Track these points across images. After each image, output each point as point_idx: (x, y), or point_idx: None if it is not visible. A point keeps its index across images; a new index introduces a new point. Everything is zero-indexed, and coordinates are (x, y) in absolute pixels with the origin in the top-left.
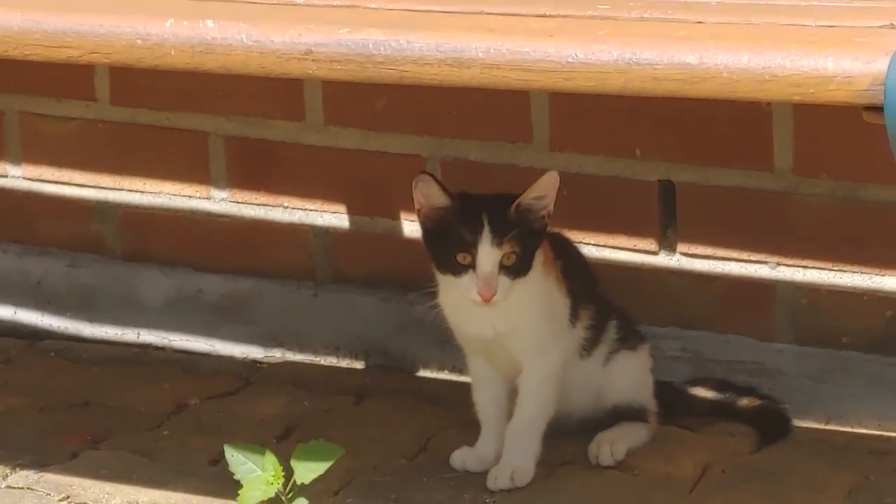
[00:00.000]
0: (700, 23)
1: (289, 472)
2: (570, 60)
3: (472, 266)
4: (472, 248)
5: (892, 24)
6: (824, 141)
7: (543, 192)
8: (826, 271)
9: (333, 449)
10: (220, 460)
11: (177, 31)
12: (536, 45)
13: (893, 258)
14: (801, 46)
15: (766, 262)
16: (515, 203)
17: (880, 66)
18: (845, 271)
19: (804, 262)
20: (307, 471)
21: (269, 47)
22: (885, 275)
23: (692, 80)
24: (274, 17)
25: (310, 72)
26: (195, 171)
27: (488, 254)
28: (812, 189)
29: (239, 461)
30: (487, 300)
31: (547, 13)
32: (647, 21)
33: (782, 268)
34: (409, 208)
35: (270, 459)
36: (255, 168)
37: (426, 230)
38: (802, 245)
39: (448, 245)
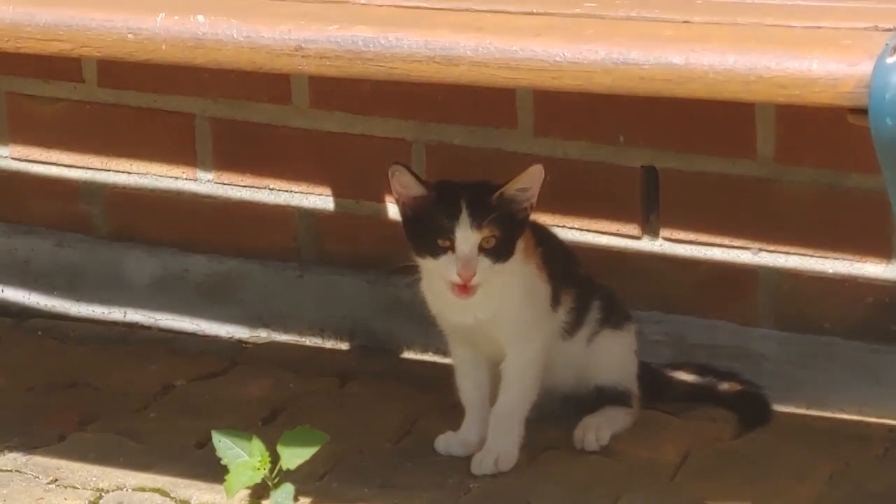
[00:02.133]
0: (686, 22)
1: (275, 458)
2: (557, 60)
3: (451, 248)
4: (450, 234)
5: (876, 26)
6: (806, 129)
7: (528, 184)
8: (808, 257)
9: (319, 435)
10: (206, 443)
11: (168, 25)
12: (524, 44)
13: (874, 245)
14: (787, 48)
15: (748, 248)
16: (499, 192)
17: (865, 68)
18: (827, 258)
19: (786, 249)
20: (293, 456)
21: (259, 43)
22: (866, 261)
23: (679, 80)
24: (264, 12)
25: (300, 67)
26: (182, 153)
27: (467, 236)
28: (794, 176)
29: (226, 447)
30: (467, 280)
31: (535, 11)
32: (634, 20)
33: (764, 254)
34: None
35: (257, 445)
36: (242, 150)
37: (406, 218)
38: (784, 231)
39: (429, 231)
